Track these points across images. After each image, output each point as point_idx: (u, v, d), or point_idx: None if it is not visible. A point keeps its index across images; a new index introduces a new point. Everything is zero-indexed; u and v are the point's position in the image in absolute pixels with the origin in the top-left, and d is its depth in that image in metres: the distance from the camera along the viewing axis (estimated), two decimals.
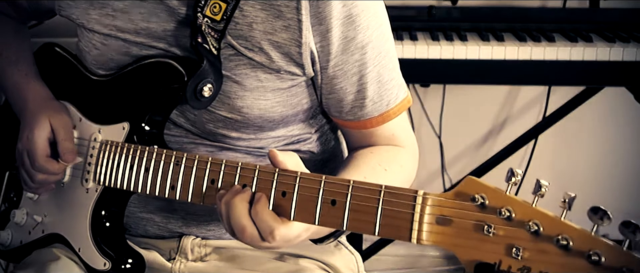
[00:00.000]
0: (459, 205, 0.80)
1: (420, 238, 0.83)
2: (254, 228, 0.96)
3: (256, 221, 0.96)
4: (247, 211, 0.97)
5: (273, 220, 0.96)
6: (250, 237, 0.97)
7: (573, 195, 0.75)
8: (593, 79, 1.99)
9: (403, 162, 1.21)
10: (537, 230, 0.75)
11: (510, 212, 0.77)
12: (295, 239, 0.99)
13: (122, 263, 1.17)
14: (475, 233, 0.79)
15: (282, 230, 0.95)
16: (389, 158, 1.19)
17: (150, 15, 1.16)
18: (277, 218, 0.96)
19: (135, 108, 1.17)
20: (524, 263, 0.76)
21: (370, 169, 1.13)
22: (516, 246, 0.76)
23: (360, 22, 1.12)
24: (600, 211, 0.72)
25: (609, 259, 0.71)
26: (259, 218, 0.96)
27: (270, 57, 1.12)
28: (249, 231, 0.96)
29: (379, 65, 1.15)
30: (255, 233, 0.96)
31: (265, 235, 0.96)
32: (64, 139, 1.21)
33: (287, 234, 0.96)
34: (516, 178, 0.78)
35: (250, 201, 0.98)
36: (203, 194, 1.04)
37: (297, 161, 1.00)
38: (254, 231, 0.96)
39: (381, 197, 0.87)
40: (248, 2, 1.11)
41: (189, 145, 1.21)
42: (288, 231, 0.96)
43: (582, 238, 0.73)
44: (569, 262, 0.73)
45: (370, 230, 0.88)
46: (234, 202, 0.97)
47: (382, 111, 1.19)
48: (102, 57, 1.21)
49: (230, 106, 1.15)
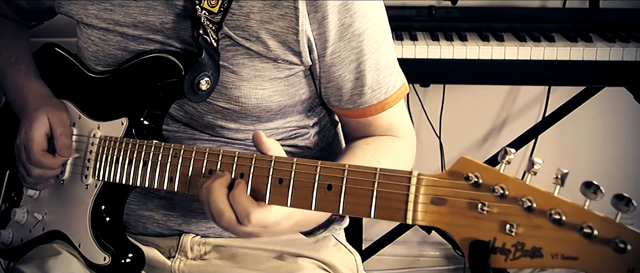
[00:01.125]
0: (453, 184, 0.81)
1: (415, 219, 0.84)
2: (232, 213, 0.98)
3: (234, 205, 0.98)
4: (225, 196, 0.98)
5: (250, 204, 0.97)
6: (228, 221, 0.98)
7: (565, 170, 0.75)
8: (593, 79, 1.98)
9: (399, 153, 1.21)
10: (530, 206, 0.75)
11: (504, 189, 0.77)
12: (274, 226, 0.99)
13: (122, 257, 1.18)
14: (470, 211, 0.79)
15: (258, 214, 0.97)
16: (385, 149, 1.19)
17: (147, 9, 1.17)
18: (254, 202, 0.97)
19: (134, 103, 1.18)
20: (518, 239, 0.76)
21: (363, 161, 1.13)
22: (510, 222, 0.76)
23: (356, 9, 1.12)
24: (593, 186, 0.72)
25: (601, 231, 0.71)
26: (236, 201, 0.97)
27: (268, 46, 1.13)
28: (226, 215, 0.98)
29: (376, 52, 1.16)
30: (233, 217, 0.98)
31: (241, 217, 0.97)
32: (60, 134, 1.22)
33: (263, 218, 0.97)
34: (509, 157, 0.78)
35: (229, 187, 0.99)
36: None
37: (279, 147, 1.02)
38: (232, 215, 0.98)
39: (376, 180, 0.87)
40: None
41: (188, 140, 1.22)
42: (265, 215, 0.97)
43: (575, 211, 0.73)
44: (562, 235, 0.73)
45: (366, 213, 0.88)
46: (213, 186, 0.99)
47: (381, 99, 1.19)
48: (101, 52, 1.22)
49: (228, 96, 1.16)
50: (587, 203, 0.73)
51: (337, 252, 1.31)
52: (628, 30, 2.03)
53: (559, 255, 0.73)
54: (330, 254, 1.29)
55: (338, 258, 1.30)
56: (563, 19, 2.11)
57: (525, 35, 1.97)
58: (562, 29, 2.04)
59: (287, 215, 1.00)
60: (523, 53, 1.88)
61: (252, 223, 0.97)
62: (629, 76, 1.91)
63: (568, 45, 1.89)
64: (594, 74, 1.91)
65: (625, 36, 1.97)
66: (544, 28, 2.04)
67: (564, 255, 0.73)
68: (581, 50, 1.88)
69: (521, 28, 2.03)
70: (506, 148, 0.79)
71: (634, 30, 2.03)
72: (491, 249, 0.77)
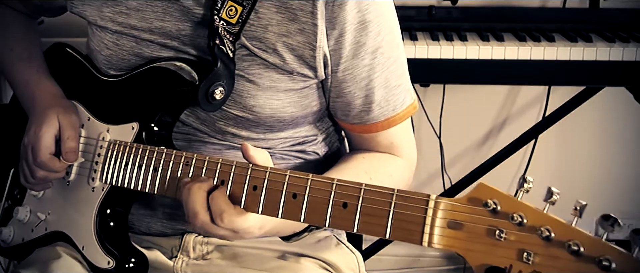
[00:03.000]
0: (471, 210, 0.81)
1: (431, 241, 0.84)
2: (207, 215, 1.00)
3: (211, 205, 1.00)
4: (203, 199, 1.00)
5: (226, 204, 0.99)
6: (201, 222, 1.00)
7: (584, 202, 0.76)
8: (593, 79, 1.99)
9: (393, 171, 1.21)
10: (548, 236, 0.76)
11: (522, 218, 0.78)
12: (245, 232, 1.01)
13: (126, 262, 1.17)
14: (487, 237, 0.80)
15: (232, 215, 0.99)
16: (379, 165, 1.20)
17: (164, 15, 1.16)
18: (230, 204, 1.00)
19: (146, 109, 1.17)
20: (535, 268, 0.76)
21: (354, 175, 1.14)
22: (527, 251, 0.77)
23: (372, 28, 1.12)
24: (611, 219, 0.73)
25: (619, 265, 0.72)
26: (214, 202, 1.00)
27: (284, 59, 1.13)
28: (201, 217, 1.00)
29: (387, 70, 1.16)
30: (207, 219, 1.00)
31: (215, 216, 0.99)
32: (68, 138, 1.21)
33: (236, 221, 0.99)
34: (528, 185, 0.79)
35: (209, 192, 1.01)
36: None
37: (267, 157, 1.03)
38: (206, 218, 1.00)
39: (393, 201, 0.88)
40: (264, 5, 1.12)
41: (196, 142, 1.22)
42: (239, 219, 0.99)
43: (593, 244, 0.74)
44: (579, 267, 0.74)
45: (382, 233, 0.88)
46: (193, 188, 1.01)
47: (388, 116, 1.20)
48: (114, 57, 1.21)
49: (243, 105, 1.16)
50: (605, 236, 0.74)
51: (339, 252, 1.32)
52: (628, 30, 2.03)
53: None
54: (333, 254, 1.30)
55: (340, 258, 1.31)
56: (563, 19, 2.11)
57: (525, 35, 1.97)
58: (562, 29, 2.04)
59: (261, 225, 1.03)
60: (523, 53, 1.88)
61: (224, 223, 0.99)
62: (629, 76, 1.91)
63: (568, 45, 1.90)
64: (594, 74, 1.91)
65: (625, 35, 1.98)
66: (544, 28, 2.04)
67: None
68: (581, 50, 1.88)
69: (521, 28, 2.04)
70: (525, 177, 0.79)
71: (634, 30, 2.04)
72: None
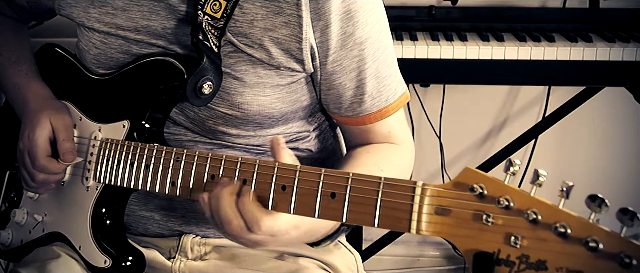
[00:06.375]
0: (457, 195, 0.80)
1: (419, 229, 0.84)
2: (241, 220, 0.97)
3: (243, 212, 0.97)
4: (234, 203, 0.98)
5: (258, 210, 0.97)
6: (237, 229, 0.98)
7: (571, 183, 0.75)
8: (593, 79, 1.98)
9: (399, 161, 1.21)
10: (535, 219, 0.75)
11: (509, 201, 0.77)
12: (282, 235, 0.99)
13: (123, 260, 1.18)
14: (474, 222, 0.79)
15: (267, 221, 0.96)
16: (385, 157, 1.20)
17: (150, 13, 1.17)
18: (262, 208, 0.97)
19: (136, 106, 1.18)
20: (523, 251, 0.76)
21: (366, 170, 1.12)
22: (515, 234, 0.76)
23: (358, 18, 1.12)
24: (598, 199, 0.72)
25: (607, 245, 0.71)
26: (246, 208, 0.97)
27: (270, 53, 1.13)
28: (235, 223, 0.97)
29: (377, 61, 1.16)
30: (242, 224, 0.97)
31: (251, 224, 0.97)
32: (64, 139, 1.21)
33: (272, 226, 0.97)
34: (514, 168, 0.78)
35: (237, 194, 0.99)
36: (203, 190, 1.04)
37: (294, 159, 1.01)
38: (241, 223, 0.97)
39: (380, 189, 0.87)
40: (248, 0, 1.12)
41: (188, 143, 1.22)
42: (273, 222, 0.97)
43: (580, 225, 0.73)
44: (567, 249, 0.73)
45: (370, 222, 0.88)
46: (222, 194, 0.98)
47: (381, 107, 1.19)
48: (102, 56, 1.22)
49: (230, 102, 1.16)
50: (593, 217, 0.73)
51: (338, 252, 1.31)
52: (628, 30, 2.03)
53: (563, 268, 0.73)
54: (331, 254, 1.29)
55: (339, 258, 1.30)
56: (563, 19, 2.11)
57: (525, 35, 1.97)
58: (562, 29, 2.04)
59: (296, 225, 0.99)
60: (523, 53, 1.88)
61: (262, 230, 0.97)
62: (629, 76, 1.91)
63: (568, 45, 1.89)
64: (594, 74, 1.91)
65: (625, 35, 1.97)
66: (544, 28, 2.04)
67: (569, 269, 0.73)
68: (581, 50, 1.88)
69: (521, 28, 2.04)
70: (511, 159, 0.79)
71: (634, 30, 2.03)
72: (496, 261, 0.77)
